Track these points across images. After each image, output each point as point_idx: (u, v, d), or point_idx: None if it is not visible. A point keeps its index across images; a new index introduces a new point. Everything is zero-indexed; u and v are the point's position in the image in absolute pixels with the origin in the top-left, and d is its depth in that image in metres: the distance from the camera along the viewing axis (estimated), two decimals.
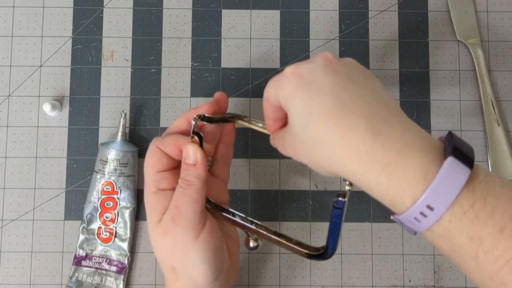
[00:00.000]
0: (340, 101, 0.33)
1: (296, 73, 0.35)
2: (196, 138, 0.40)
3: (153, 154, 0.41)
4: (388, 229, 0.51)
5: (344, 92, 0.33)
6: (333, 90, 0.33)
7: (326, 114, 0.33)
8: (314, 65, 0.35)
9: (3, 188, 0.52)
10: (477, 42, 0.53)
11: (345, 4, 0.54)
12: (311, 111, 0.33)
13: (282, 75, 0.36)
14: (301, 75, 0.35)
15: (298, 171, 0.52)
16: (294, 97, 0.34)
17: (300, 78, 0.34)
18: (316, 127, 0.33)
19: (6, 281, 0.50)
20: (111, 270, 0.49)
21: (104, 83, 0.53)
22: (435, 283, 0.51)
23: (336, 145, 0.33)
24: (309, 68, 0.35)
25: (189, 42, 0.54)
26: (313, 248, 0.41)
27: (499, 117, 0.52)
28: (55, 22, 0.54)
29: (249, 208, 0.51)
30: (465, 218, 0.31)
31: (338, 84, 0.34)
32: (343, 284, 0.51)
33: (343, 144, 0.33)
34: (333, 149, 0.33)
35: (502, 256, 0.30)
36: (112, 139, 0.50)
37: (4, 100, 0.53)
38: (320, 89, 0.34)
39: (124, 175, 0.49)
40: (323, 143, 0.33)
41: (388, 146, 0.32)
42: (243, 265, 0.51)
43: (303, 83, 0.34)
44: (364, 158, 0.32)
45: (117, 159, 0.49)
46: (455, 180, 0.31)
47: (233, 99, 0.53)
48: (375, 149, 0.32)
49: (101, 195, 0.49)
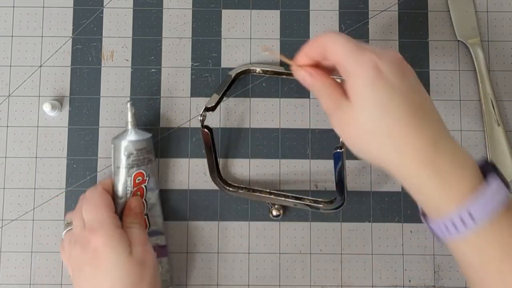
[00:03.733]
0: (413, 107, 0.36)
1: (377, 64, 0.36)
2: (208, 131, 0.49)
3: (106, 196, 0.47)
4: (388, 229, 0.51)
5: (415, 100, 0.36)
6: (407, 95, 0.36)
7: (402, 113, 0.36)
8: (393, 65, 0.37)
9: (3, 188, 0.52)
10: (477, 42, 0.53)
11: (345, 4, 0.54)
12: (388, 106, 0.36)
13: (361, 56, 0.37)
14: (381, 69, 0.36)
15: (298, 171, 0.52)
16: (372, 87, 0.36)
17: (380, 72, 0.36)
18: (390, 120, 0.36)
19: (6, 281, 0.51)
20: None
21: (104, 83, 0.53)
22: (435, 283, 0.51)
23: (403, 144, 0.36)
24: (388, 66, 0.37)
25: (189, 42, 0.54)
26: (326, 202, 0.49)
27: (499, 117, 0.52)
28: (55, 22, 0.54)
29: (249, 208, 0.51)
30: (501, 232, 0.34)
31: (410, 91, 0.37)
32: (343, 284, 0.51)
33: (409, 146, 0.35)
34: (398, 146, 0.36)
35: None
36: (124, 132, 0.49)
37: (4, 100, 0.53)
38: (397, 90, 0.36)
39: (152, 162, 0.49)
40: (390, 136, 0.36)
41: (445, 155, 0.35)
42: (243, 265, 0.51)
43: (382, 78, 0.36)
44: (422, 164, 0.35)
45: (143, 148, 0.48)
46: (497, 197, 0.34)
47: (233, 99, 0.53)
48: (436, 158, 0.35)
49: (133, 188, 0.49)
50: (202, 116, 0.49)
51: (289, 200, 0.49)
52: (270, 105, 0.53)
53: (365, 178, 0.52)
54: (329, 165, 0.52)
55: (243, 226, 0.51)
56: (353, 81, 0.37)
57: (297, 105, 0.53)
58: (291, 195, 0.50)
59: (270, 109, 0.53)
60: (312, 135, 0.52)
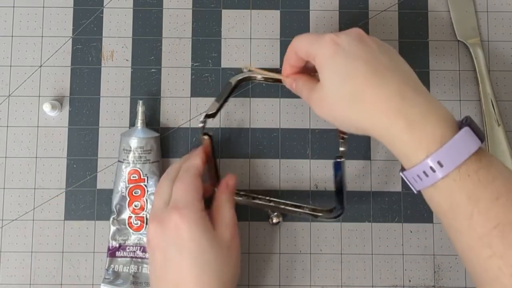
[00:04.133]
0: (374, 68, 0.38)
1: (335, 40, 0.40)
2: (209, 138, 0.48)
3: (198, 179, 0.45)
4: (388, 229, 0.51)
5: (376, 62, 0.39)
6: (368, 59, 0.39)
7: (362, 75, 0.38)
8: (351, 38, 0.40)
9: (3, 188, 0.52)
10: (477, 42, 0.53)
11: (345, 4, 0.54)
12: (348, 72, 0.38)
13: (320, 39, 0.41)
14: (339, 43, 0.39)
15: (298, 171, 0.52)
16: (332, 59, 0.39)
17: (338, 46, 0.39)
18: (352, 85, 0.38)
19: (6, 281, 0.51)
20: (146, 257, 0.49)
21: (104, 83, 0.53)
22: (435, 283, 0.51)
23: (369, 101, 0.38)
24: (346, 39, 0.40)
25: (189, 42, 0.54)
26: (326, 210, 0.49)
27: (499, 117, 0.52)
28: (55, 22, 0.54)
29: (249, 207, 0.51)
30: (469, 180, 0.35)
31: (372, 55, 0.39)
32: (343, 284, 0.51)
33: (375, 101, 0.37)
34: (366, 104, 0.38)
35: (493, 219, 0.34)
36: (133, 128, 0.51)
37: (4, 100, 0.53)
38: (357, 57, 0.39)
39: (150, 162, 0.49)
40: (357, 99, 0.38)
41: (414, 108, 0.37)
42: (243, 265, 0.51)
43: (341, 50, 0.39)
44: (392, 114, 0.37)
45: (140, 147, 0.49)
46: (467, 146, 0.35)
47: (233, 99, 0.53)
48: (403, 107, 0.37)
49: (128, 184, 0.49)
50: (202, 122, 0.48)
51: (288, 208, 0.49)
52: (270, 105, 0.53)
53: (365, 178, 0.52)
54: (329, 165, 0.52)
55: (243, 226, 0.51)
56: (317, 62, 0.40)
57: (297, 105, 0.53)
58: (290, 203, 0.49)
59: (270, 109, 0.53)
60: (312, 135, 0.52)
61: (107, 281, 0.49)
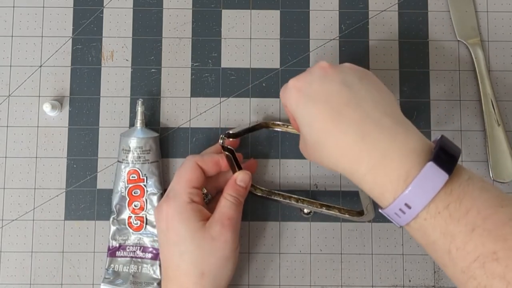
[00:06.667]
0: (333, 108, 0.38)
1: (296, 86, 0.40)
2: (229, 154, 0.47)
3: (193, 171, 0.46)
4: (388, 229, 0.51)
5: (338, 99, 0.38)
6: (327, 98, 0.38)
7: (322, 122, 0.38)
8: (312, 77, 0.40)
9: (3, 188, 0.52)
10: (477, 42, 0.53)
11: (345, 4, 0.54)
12: (311, 121, 0.39)
13: (285, 88, 0.41)
14: (300, 88, 0.40)
15: (298, 171, 0.52)
16: (297, 109, 0.40)
17: (300, 91, 0.39)
18: (316, 134, 0.38)
19: (6, 281, 0.51)
20: (146, 257, 0.49)
21: (104, 83, 0.53)
22: (435, 283, 0.51)
23: (331, 148, 0.38)
24: (307, 80, 0.40)
25: (189, 42, 0.54)
26: (356, 212, 0.48)
27: (499, 117, 0.52)
28: (55, 22, 0.54)
29: (249, 207, 0.51)
30: (439, 217, 0.34)
31: (332, 91, 0.38)
32: (343, 284, 0.51)
33: (336, 148, 0.37)
34: (329, 151, 0.38)
35: (473, 252, 0.33)
36: (132, 128, 0.51)
37: (4, 100, 0.53)
38: (317, 99, 0.38)
39: (149, 162, 0.49)
40: (322, 146, 0.38)
41: (375, 149, 0.36)
42: (243, 265, 0.51)
43: (303, 95, 0.39)
44: (353, 160, 0.37)
45: (139, 147, 0.49)
46: (432, 183, 0.34)
47: (233, 99, 0.53)
48: (363, 150, 0.36)
49: (127, 184, 0.49)
50: (222, 139, 0.48)
51: (320, 209, 0.49)
52: (270, 105, 0.53)
53: None
54: None
55: (243, 226, 0.51)
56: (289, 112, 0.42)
57: None
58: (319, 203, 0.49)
59: (270, 109, 0.53)
60: None
61: (107, 281, 0.49)
